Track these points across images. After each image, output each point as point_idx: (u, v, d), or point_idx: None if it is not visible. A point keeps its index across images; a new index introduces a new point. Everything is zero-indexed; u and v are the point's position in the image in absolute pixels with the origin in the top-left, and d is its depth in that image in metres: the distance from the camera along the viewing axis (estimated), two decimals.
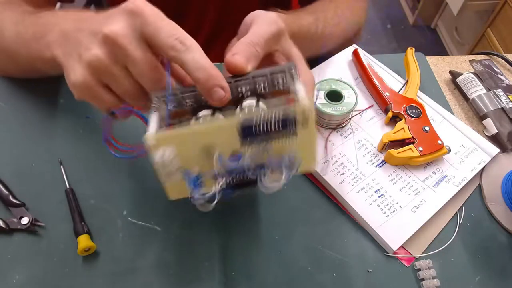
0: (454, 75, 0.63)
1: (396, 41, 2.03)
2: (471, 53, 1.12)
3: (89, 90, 0.32)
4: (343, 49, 0.63)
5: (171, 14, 0.31)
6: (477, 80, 0.61)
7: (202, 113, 0.33)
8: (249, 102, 0.32)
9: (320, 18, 0.53)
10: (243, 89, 0.33)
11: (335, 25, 0.56)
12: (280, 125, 0.30)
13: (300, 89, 0.32)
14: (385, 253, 0.46)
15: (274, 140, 0.31)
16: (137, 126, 0.36)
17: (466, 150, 0.53)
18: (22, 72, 0.54)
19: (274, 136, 0.31)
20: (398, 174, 0.51)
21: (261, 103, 0.33)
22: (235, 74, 0.33)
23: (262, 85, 0.33)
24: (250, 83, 0.33)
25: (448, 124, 0.55)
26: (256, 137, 0.31)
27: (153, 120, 0.32)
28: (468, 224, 0.49)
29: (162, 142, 0.30)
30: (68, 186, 0.47)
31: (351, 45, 0.63)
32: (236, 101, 0.33)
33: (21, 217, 0.45)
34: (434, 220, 0.48)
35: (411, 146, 0.50)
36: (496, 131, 0.56)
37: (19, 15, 0.46)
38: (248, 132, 0.30)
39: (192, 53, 0.30)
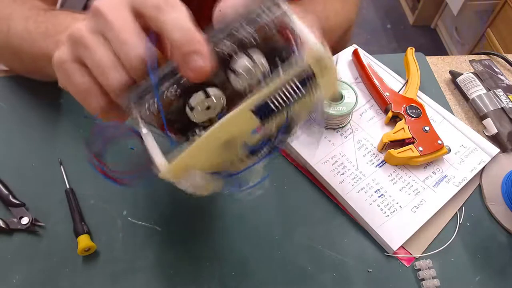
0: (454, 75, 0.63)
1: (396, 41, 2.03)
2: (471, 53, 1.12)
3: (63, 67, 0.28)
4: (335, 48, 0.63)
5: None
6: (477, 80, 0.61)
7: (194, 100, 0.26)
8: (242, 64, 0.26)
9: (308, 10, 0.52)
10: (227, 44, 0.26)
11: (324, 18, 0.56)
12: (299, 90, 0.26)
13: (298, 24, 0.26)
14: (385, 253, 0.46)
15: (295, 102, 0.26)
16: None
17: (466, 150, 0.53)
18: (26, 70, 0.53)
19: (295, 100, 0.26)
20: (398, 174, 0.51)
21: (258, 58, 0.26)
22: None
23: (245, 29, 0.26)
24: (230, 34, 0.26)
25: (448, 124, 0.55)
26: (276, 111, 0.26)
27: (150, 141, 0.27)
28: (468, 224, 0.49)
29: (180, 168, 0.26)
30: (68, 186, 0.47)
31: (345, 44, 0.63)
32: (223, 62, 0.27)
33: (21, 217, 0.45)
34: (434, 220, 0.48)
35: (411, 146, 0.50)
36: (496, 131, 0.56)
37: (29, 10, 0.46)
38: (265, 112, 0.26)
39: (175, 13, 0.26)
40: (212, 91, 0.27)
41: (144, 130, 0.27)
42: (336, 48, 0.63)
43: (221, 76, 0.27)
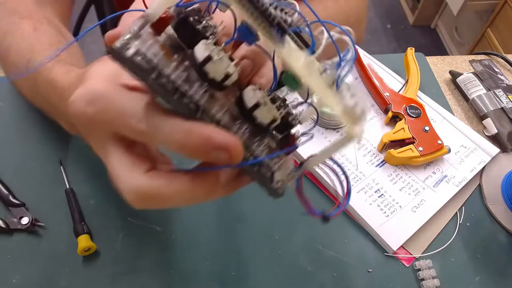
0: (454, 75, 0.63)
1: (396, 41, 2.03)
2: (471, 53, 1.12)
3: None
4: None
5: None
6: (477, 80, 0.61)
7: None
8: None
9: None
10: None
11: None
12: None
13: None
14: (385, 253, 0.46)
15: None
16: None
17: (466, 150, 0.53)
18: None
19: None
20: (398, 174, 0.51)
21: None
22: None
23: None
24: None
25: (448, 124, 0.55)
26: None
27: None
28: (468, 224, 0.49)
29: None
30: (68, 186, 0.47)
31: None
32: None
33: (21, 217, 0.45)
34: (434, 220, 0.48)
35: (411, 146, 0.50)
36: (496, 131, 0.56)
37: (56, 36, 0.44)
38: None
39: (164, 124, 0.21)
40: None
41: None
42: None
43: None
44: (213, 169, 0.22)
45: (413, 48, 0.62)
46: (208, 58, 0.21)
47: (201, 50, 0.21)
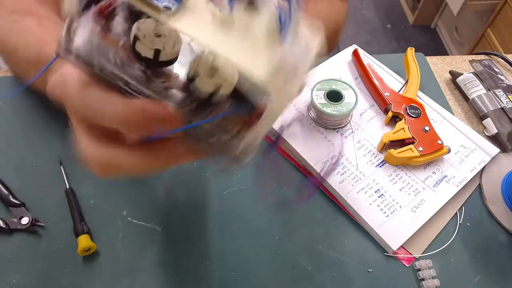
0: (454, 75, 0.63)
1: (396, 41, 2.03)
2: (471, 53, 1.12)
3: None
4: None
5: None
6: (477, 80, 0.61)
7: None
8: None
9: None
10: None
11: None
12: None
13: None
14: (385, 253, 0.46)
15: None
16: None
17: (466, 150, 0.53)
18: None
19: None
20: (398, 174, 0.51)
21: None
22: None
23: None
24: None
25: (448, 124, 0.55)
26: None
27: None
28: (468, 224, 0.49)
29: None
30: (68, 186, 0.47)
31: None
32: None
33: (21, 217, 0.45)
34: (434, 220, 0.48)
35: (411, 146, 0.50)
36: (496, 131, 0.56)
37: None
38: None
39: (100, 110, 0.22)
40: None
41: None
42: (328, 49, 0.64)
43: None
44: (157, 137, 0.23)
45: (413, 48, 0.62)
46: (136, 38, 0.22)
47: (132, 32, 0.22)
